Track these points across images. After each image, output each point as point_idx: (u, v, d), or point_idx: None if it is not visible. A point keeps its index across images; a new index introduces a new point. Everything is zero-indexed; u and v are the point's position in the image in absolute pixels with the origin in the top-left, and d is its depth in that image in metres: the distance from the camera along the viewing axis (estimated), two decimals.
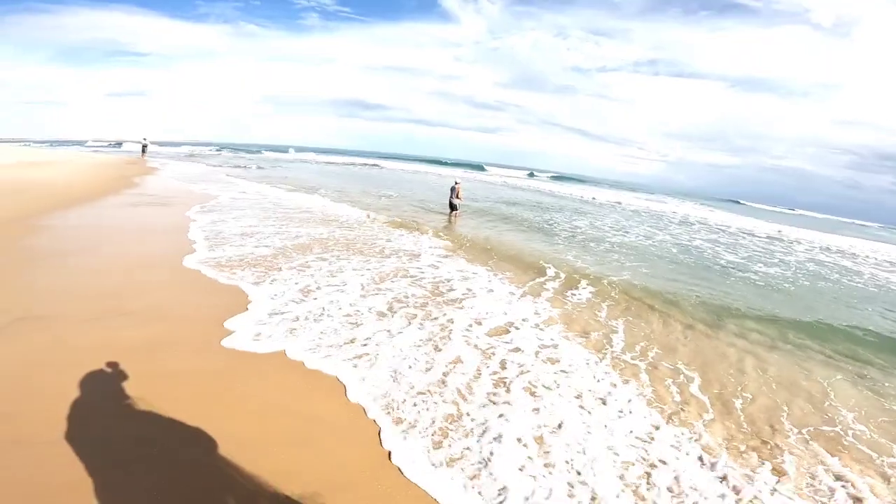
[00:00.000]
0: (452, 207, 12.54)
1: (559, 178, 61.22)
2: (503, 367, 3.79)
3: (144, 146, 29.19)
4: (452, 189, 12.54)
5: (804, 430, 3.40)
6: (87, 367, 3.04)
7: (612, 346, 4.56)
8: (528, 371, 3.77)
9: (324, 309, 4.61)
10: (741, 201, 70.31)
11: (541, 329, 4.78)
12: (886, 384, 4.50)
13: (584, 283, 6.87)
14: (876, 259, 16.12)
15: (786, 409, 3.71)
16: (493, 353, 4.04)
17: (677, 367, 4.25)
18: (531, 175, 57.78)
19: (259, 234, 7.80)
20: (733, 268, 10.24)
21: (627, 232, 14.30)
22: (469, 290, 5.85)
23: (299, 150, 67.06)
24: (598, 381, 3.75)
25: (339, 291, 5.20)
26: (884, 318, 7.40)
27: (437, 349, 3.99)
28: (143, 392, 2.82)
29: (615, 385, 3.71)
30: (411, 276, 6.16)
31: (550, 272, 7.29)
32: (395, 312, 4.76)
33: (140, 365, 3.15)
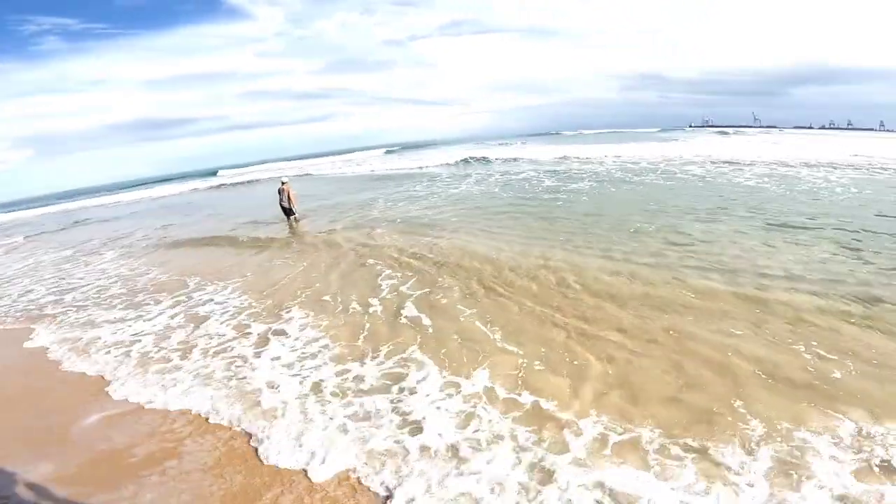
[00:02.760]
0: (287, 213, 11.46)
1: (391, 150, 53.15)
2: None
3: None
4: (280, 192, 11.41)
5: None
6: None
7: None
8: None
9: None
10: (559, 132, 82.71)
11: None
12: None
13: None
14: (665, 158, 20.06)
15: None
16: None
17: None
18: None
19: None
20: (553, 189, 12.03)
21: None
22: None
23: (81, 193, 52.63)
24: None
25: None
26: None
27: None
28: None
29: None
30: None
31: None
32: None
33: None
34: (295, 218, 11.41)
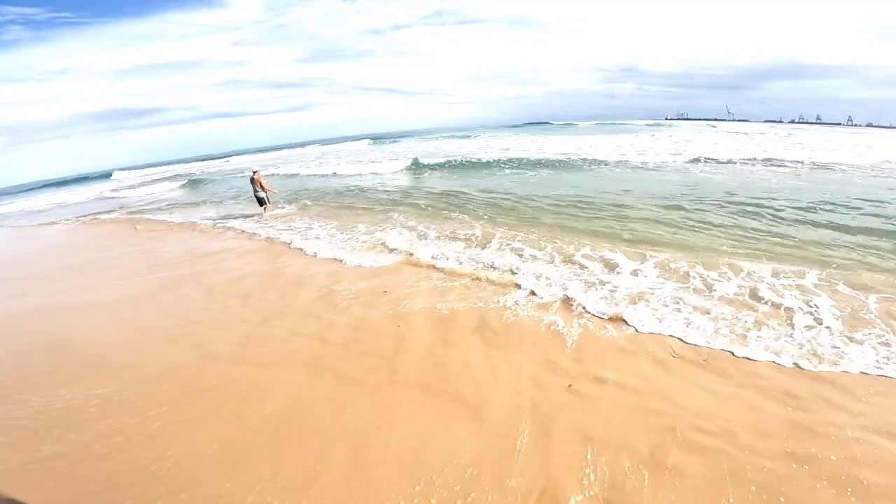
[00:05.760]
0: (261, 202, 10.62)
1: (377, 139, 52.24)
2: None
3: None
4: (252, 181, 10.55)
5: None
6: None
7: None
8: None
9: None
10: (550, 122, 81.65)
11: None
12: None
13: None
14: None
15: None
16: None
17: None
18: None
19: None
20: None
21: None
22: None
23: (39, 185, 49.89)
24: None
25: None
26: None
27: None
28: None
29: None
30: None
31: None
32: None
33: None
34: (268, 208, 10.69)
